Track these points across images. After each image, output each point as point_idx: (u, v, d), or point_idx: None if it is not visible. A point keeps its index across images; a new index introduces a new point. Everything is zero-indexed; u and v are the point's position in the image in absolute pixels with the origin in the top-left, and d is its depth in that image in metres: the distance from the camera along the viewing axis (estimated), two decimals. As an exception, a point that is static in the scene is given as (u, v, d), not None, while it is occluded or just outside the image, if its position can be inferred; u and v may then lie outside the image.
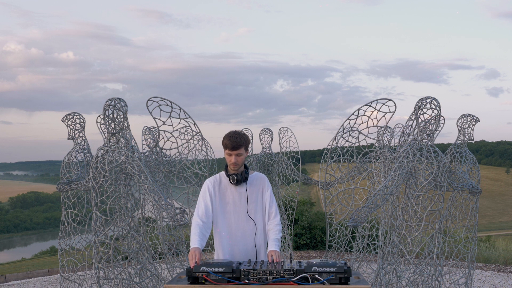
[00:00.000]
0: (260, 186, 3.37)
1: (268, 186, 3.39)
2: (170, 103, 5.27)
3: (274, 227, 3.32)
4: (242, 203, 3.33)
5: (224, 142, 3.25)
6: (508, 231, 40.42)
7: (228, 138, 3.23)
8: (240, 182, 3.29)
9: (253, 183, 3.37)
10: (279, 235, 3.30)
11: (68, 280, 5.83)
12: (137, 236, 4.74)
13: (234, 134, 3.25)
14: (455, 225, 5.64)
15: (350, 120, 5.56)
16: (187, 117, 5.46)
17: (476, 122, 5.41)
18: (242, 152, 3.25)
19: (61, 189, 5.36)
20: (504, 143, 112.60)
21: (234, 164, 3.25)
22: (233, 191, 3.34)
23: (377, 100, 5.37)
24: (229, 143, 3.21)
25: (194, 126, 5.54)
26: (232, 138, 3.22)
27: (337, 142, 5.68)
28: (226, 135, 3.27)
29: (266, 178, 3.43)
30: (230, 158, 3.24)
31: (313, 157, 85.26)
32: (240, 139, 3.23)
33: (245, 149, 3.27)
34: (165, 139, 5.49)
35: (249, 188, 3.34)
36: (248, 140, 3.33)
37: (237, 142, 3.21)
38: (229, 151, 3.23)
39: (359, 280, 2.86)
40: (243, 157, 3.27)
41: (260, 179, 3.40)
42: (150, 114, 5.21)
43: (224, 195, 3.35)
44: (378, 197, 4.15)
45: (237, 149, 3.22)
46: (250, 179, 3.37)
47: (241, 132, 3.30)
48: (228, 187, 3.35)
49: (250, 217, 3.32)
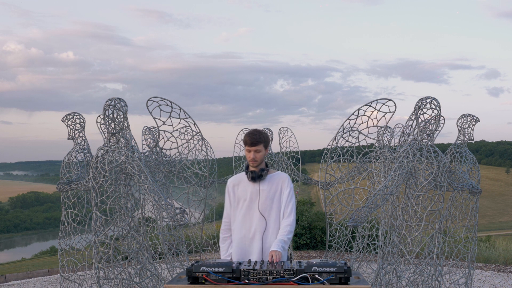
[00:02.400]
0: (279, 185, 3.39)
1: (288, 185, 3.40)
2: (170, 103, 5.27)
3: (284, 227, 3.32)
4: (256, 200, 3.38)
5: (244, 139, 3.35)
6: (508, 231, 40.40)
7: (247, 135, 3.34)
8: (255, 179, 3.35)
9: (272, 181, 3.40)
10: (287, 236, 3.28)
11: (68, 280, 5.82)
12: (137, 236, 4.74)
13: (254, 131, 3.36)
14: (455, 225, 5.64)
15: (350, 120, 5.56)
16: (187, 117, 5.46)
17: (476, 122, 5.41)
18: (261, 148, 3.32)
19: (61, 189, 5.36)
20: (504, 143, 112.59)
21: (253, 161, 3.32)
22: (250, 188, 3.40)
23: (377, 100, 5.37)
24: (248, 139, 3.31)
25: (194, 126, 5.54)
26: (251, 134, 3.32)
27: (337, 142, 5.68)
28: (247, 132, 3.39)
29: (287, 177, 3.44)
30: (249, 155, 3.33)
31: (313, 157, 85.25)
32: (259, 136, 3.32)
33: (264, 146, 3.35)
34: (165, 139, 5.49)
35: (265, 186, 3.38)
36: (268, 138, 3.41)
37: (256, 138, 3.30)
38: (248, 147, 3.32)
39: (359, 280, 2.86)
40: (262, 153, 3.34)
41: (280, 177, 3.42)
42: (150, 114, 5.21)
43: (243, 191, 3.42)
44: (378, 197, 4.15)
45: (256, 145, 3.30)
46: (269, 177, 3.40)
47: (262, 130, 3.40)
48: (246, 184, 3.42)
49: (262, 214, 3.35)
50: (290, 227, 3.32)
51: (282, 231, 3.31)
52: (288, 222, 3.33)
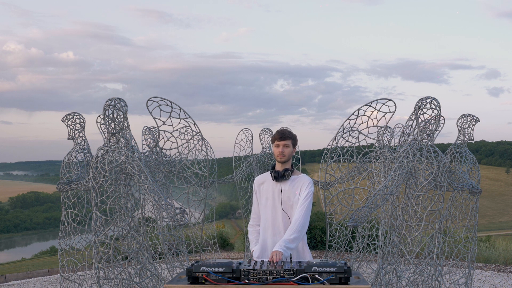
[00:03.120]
0: (299, 186, 3.45)
1: (307, 187, 3.42)
2: (170, 103, 5.27)
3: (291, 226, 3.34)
4: (279, 198, 3.45)
5: (273, 135, 3.44)
6: (508, 231, 40.40)
7: (277, 131, 3.45)
8: (278, 178, 3.42)
9: (294, 182, 3.46)
10: (292, 235, 3.27)
11: (68, 280, 5.82)
12: (137, 236, 4.74)
13: (283, 128, 3.53)
14: (455, 225, 5.64)
15: (350, 120, 5.56)
16: (187, 117, 5.46)
17: (476, 122, 5.41)
18: (289, 144, 3.40)
19: (61, 189, 5.35)
20: (504, 143, 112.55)
21: (281, 155, 3.38)
22: (273, 187, 3.48)
23: (377, 100, 5.37)
24: (277, 134, 3.40)
25: (194, 126, 5.54)
26: (281, 130, 3.43)
27: (337, 142, 5.68)
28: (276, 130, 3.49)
29: (308, 180, 3.47)
30: (277, 149, 3.40)
31: (313, 157, 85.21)
32: (289, 132, 3.43)
33: (292, 144, 3.42)
34: (165, 139, 5.49)
35: (287, 186, 3.44)
36: (296, 138, 3.50)
37: (285, 133, 3.40)
38: (277, 142, 3.39)
39: (359, 280, 2.86)
40: (289, 149, 3.40)
41: (302, 179, 3.47)
42: (150, 114, 5.21)
43: (267, 190, 3.51)
44: (378, 197, 4.15)
45: (285, 139, 3.38)
46: (293, 178, 3.47)
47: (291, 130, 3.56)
48: (270, 184, 3.50)
49: (285, 212, 3.43)
50: (296, 226, 3.32)
51: (288, 231, 3.33)
52: (296, 220, 3.34)
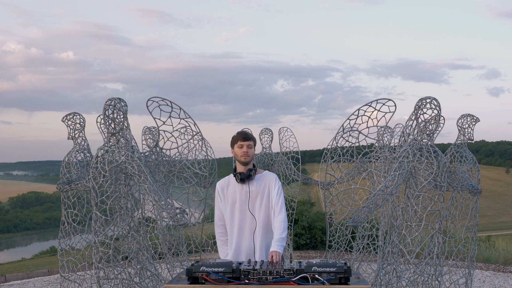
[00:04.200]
0: (267, 184, 3.43)
1: (276, 183, 3.44)
2: (170, 103, 5.26)
3: (278, 225, 3.34)
4: (246, 200, 3.42)
5: (235, 137, 3.45)
6: (508, 231, 40.38)
7: (237, 133, 3.47)
8: (245, 180, 3.39)
9: (260, 181, 3.44)
10: (283, 233, 3.30)
11: (68, 280, 5.82)
12: (137, 236, 4.74)
13: (244, 130, 3.57)
14: (455, 225, 5.63)
15: (350, 120, 5.56)
16: (187, 117, 5.46)
17: (476, 122, 5.41)
18: (252, 145, 3.42)
19: (61, 189, 5.35)
20: (504, 143, 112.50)
21: (246, 155, 3.39)
22: (239, 190, 3.45)
23: (377, 100, 5.37)
24: (240, 135, 3.43)
25: (194, 126, 5.54)
26: (243, 131, 3.47)
27: (337, 142, 5.68)
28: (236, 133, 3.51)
29: (274, 176, 3.48)
30: (241, 150, 3.40)
31: (313, 157, 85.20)
32: (251, 134, 3.48)
33: (254, 144, 3.46)
34: (165, 139, 5.49)
35: (254, 186, 3.42)
36: (255, 139, 3.52)
37: (248, 134, 3.44)
38: (240, 142, 3.40)
39: (359, 280, 2.86)
40: (252, 150, 3.42)
41: (268, 177, 3.47)
42: (150, 114, 5.21)
43: (233, 194, 3.47)
44: (378, 197, 4.15)
45: (248, 140, 3.40)
46: (257, 177, 3.45)
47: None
48: (236, 186, 3.46)
49: (253, 214, 3.40)
50: (284, 223, 3.36)
51: (277, 230, 3.33)
52: (281, 218, 3.36)
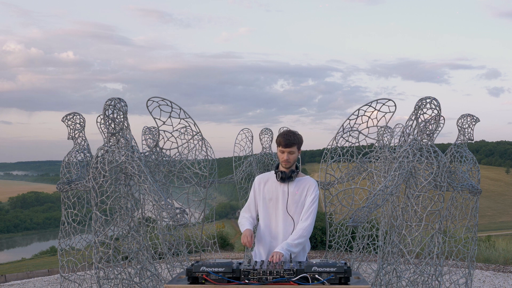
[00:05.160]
0: (305, 188, 3.39)
1: (313, 191, 3.39)
2: (170, 103, 5.27)
3: (297, 231, 3.31)
4: (284, 200, 3.39)
5: (278, 139, 3.34)
6: (508, 231, 40.40)
7: (282, 136, 3.33)
8: (285, 180, 3.36)
9: (299, 184, 3.40)
10: (297, 240, 3.26)
11: (68, 280, 5.82)
12: (137, 236, 4.74)
13: (289, 132, 3.35)
14: (455, 225, 5.63)
15: (350, 120, 5.56)
16: (187, 117, 5.46)
17: (476, 122, 5.41)
18: (294, 150, 3.33)
19: (61, 189, 5.35)
20: (504, 143, 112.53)
21: (286, 162, 3.33)
22: (278, 188, 3.41)
23: (377, 100, 5.37)
24: (283, 140, 3.30)
25: (194, 126, 5.54)
26: (286, 135, 3.31)
27: (337, 142, 5.68)
28: (281, 133, 3.37)
29: (314, 183, 3.43)
30: (282, 156, 3.33)
31: (313, 157, 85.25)
32: (294, 137, 3.32)
33: (298, 148, 3.36)
34: (165, 139, 5.49)
35: (293, 188, 3.38)
36: (302, 140, 3.42)
37: (291, 140, 3.30)
38: (282, 148, 3.32)
39: (359, 280, 2.86)
40: (295, 155, 3.35)
41: (308, 182, 3.42)
42: (150, 114, 5.21)
43: (269, 191, 3.42)
44: (378, 197, 4.15)
45: (290, 146, 3.30)
46: (297, 180, 3.41)
47: (296, 131, 3.40)
48: (274, 184, 3.42)
49: (289, 214, 3.37)
50: (303, 231, 3.29)
51: (293, 235, 3.30)
52: (303, 226, 3.31)
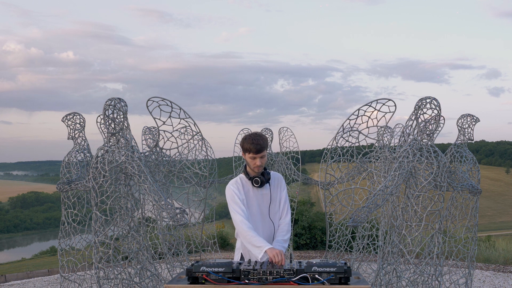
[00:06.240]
0: (278, 186, 3.37)
1: (284, 185, 3.39)
2: (170, 103, 5.27)
3: (282, 227, 3.31)
4: (265, 204, 3.32)
5: (246, 146, 3.19)
6: (508, 231, 40.40)
7: (250, 142, 3.17)
8: (264, 184, 3.29)
9: (273, 183, 3.36)
10: (286, 235, 3.28)
11: (68, 280, 5.82)
12: (137, 236, 4.74)
13: (255, 136, 3.19)
14: (455, 225, 5.63)
15: (350, 120, 5.56)
16: (187, 117, 5.46)
17: (476, 122, 5.41)
18: (265, 153, 3.22)
19: (61, 189, 5.35)
20: (504, 143, 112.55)
21: (259, 167, 3.23)
22: (256, 193, 3.32)
23: (377, 100, 5.37)
24: (253, 147, 3.16)
25: (194, 126, 5.54)
26: (255, 141, 3.17)
27: (337, 142, 5.68)
28: (247, 138, 3.20)
29: (282, 177, 3.43)
30: (254, 162, 3.20)
31: (313, 157, 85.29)
32: (264, 142, 3.19)
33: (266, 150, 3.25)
34: (165, 139, 5.49)
35: (267, 190, 3.33)
36: (267, 140, 3.36)
37: (261, 144, 3.17)
38: (253, 155, 3.18)
39: (359, 280, 2.86)
40: (265, 158, 3.24)
41: (278, 179, 3.39)
42: (150, 114, 5.21)
43: (247, 198, 3.29)
44: (378, 197, 4.15)
45: (261, 151, 3.18)
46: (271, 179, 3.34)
47: (261, 133, 3.26)
48: (250, 190, 3.31)
49: (271, 219, 3.33)
50: (289, 225, 3.35)
51: (281, 232, 3.31)
52: (286, 221, 3.35)
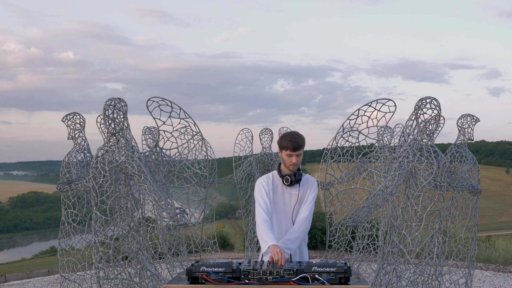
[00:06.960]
0: (308, 189, 3.37)
1: (314, 190, 3.38)
2: (170, 103, 5.27)
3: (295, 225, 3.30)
4: (291, 204, 3.35)
5: (284, 143, 3.26)
6: (508, 231, 40.41)
7: (288, 140, 3.24)
8: (293, 183, 3.31)
9: (304, 185, 3.38)
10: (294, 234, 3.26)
11: (68, 280, 5.82)
12: (137, 236, 4.74)
13: (294, 134, 3.27)
14: (455, 225, 5.63)
15: (350, 120, 5.56)
16: (187, 117, 5.46)
17: (476, 122, 5.41)
18: (301, 152, 3.28)
19: (61, 189, 5.35)
20: (504, 143, 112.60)
21: (294, 165, 3.28)
22: (284, 192, 3.36)
23: (377, 100, 5.37)
24: (290, 144, 3.23)
25: (194, 126, 5.54)
26: (293, 138, 3.24)
27: (337, 142, 5.68)
28: (285, 136, 3.27)
29: (315, 181, 3.42)
30: (291, 159, 3.26)
31: (313, 157, 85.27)
32: (301, 140, 3.26)
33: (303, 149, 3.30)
34: (165, 139, 5.49)
35: (297, 190, 3.35)
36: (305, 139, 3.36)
37: (298, 142, 3.24)
38: (290, 152, 3.24)
39: (359, 280, 2.86)
40: (301, 157, 3.30)
41: (310, 182, 3.40)
42: (150, 114, 5.21)
43: (275, 195, 3.35)
44: (378, 197, 4.15)
45: (298, 149, 3.24)
46: (302, 181, 3.37)
47: (298, 132, 3.33)
48: (279, 187, 3.36)
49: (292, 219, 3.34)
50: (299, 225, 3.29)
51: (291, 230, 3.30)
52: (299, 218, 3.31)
